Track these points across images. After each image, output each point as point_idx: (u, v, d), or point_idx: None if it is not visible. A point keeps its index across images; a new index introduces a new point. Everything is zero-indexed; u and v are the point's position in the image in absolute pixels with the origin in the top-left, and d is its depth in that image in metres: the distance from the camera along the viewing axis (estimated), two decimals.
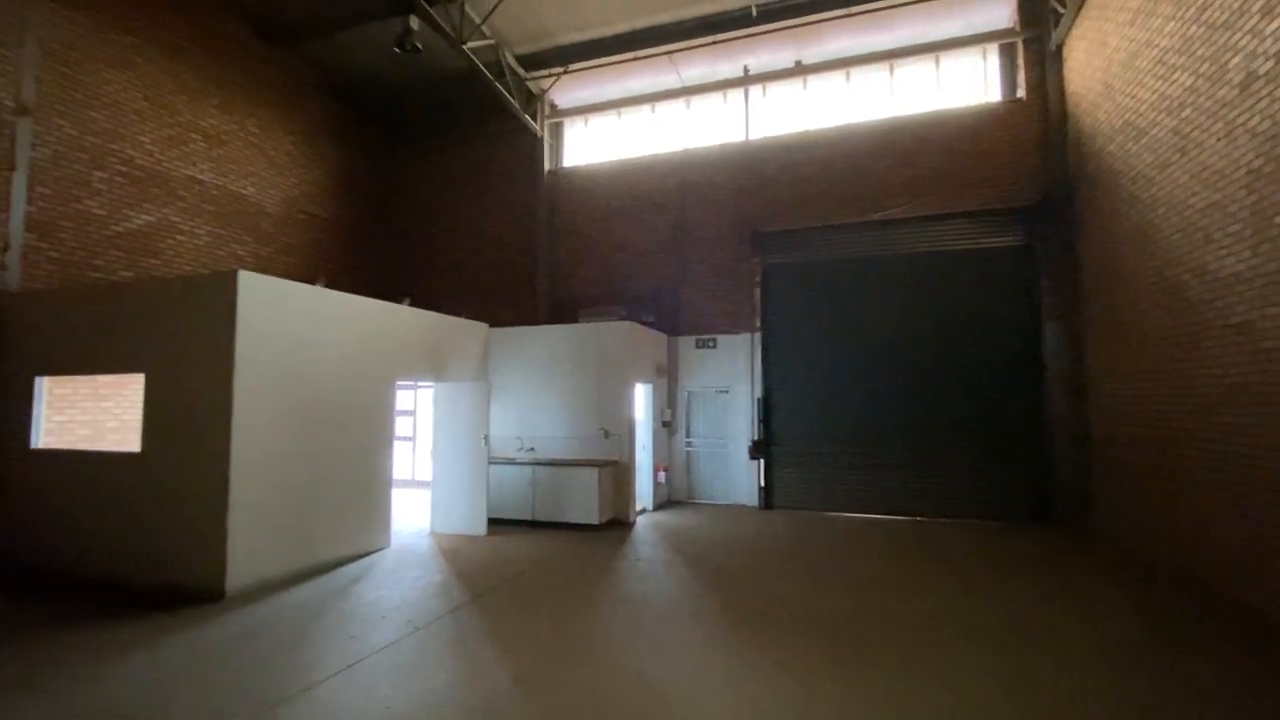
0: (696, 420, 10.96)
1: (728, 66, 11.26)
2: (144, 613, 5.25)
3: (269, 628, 4.94)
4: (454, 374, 8.83)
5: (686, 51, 10.80)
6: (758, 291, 10.63)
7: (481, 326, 9.69)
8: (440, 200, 13.18)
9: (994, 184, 9.65)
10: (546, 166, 12.41)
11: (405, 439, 12.38)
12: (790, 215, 10.64)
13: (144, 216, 8.71)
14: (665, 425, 10.73)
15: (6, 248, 7.26)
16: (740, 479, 10.51)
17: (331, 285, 8.22)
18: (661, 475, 10.34)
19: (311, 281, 7.48)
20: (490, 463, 8.49)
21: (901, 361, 9.84)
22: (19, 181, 7.39)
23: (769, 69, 11.15)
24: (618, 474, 8.96)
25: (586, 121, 12.72)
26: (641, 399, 10.01)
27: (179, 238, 9.16)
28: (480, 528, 8.16)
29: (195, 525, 5.70)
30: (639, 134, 12.27)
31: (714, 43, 10.52)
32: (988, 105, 9.93)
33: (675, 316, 11.14)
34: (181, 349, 5.98)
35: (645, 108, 12.20)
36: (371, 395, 7.31)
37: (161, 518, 5.87)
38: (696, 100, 11.86)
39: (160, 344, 6.11)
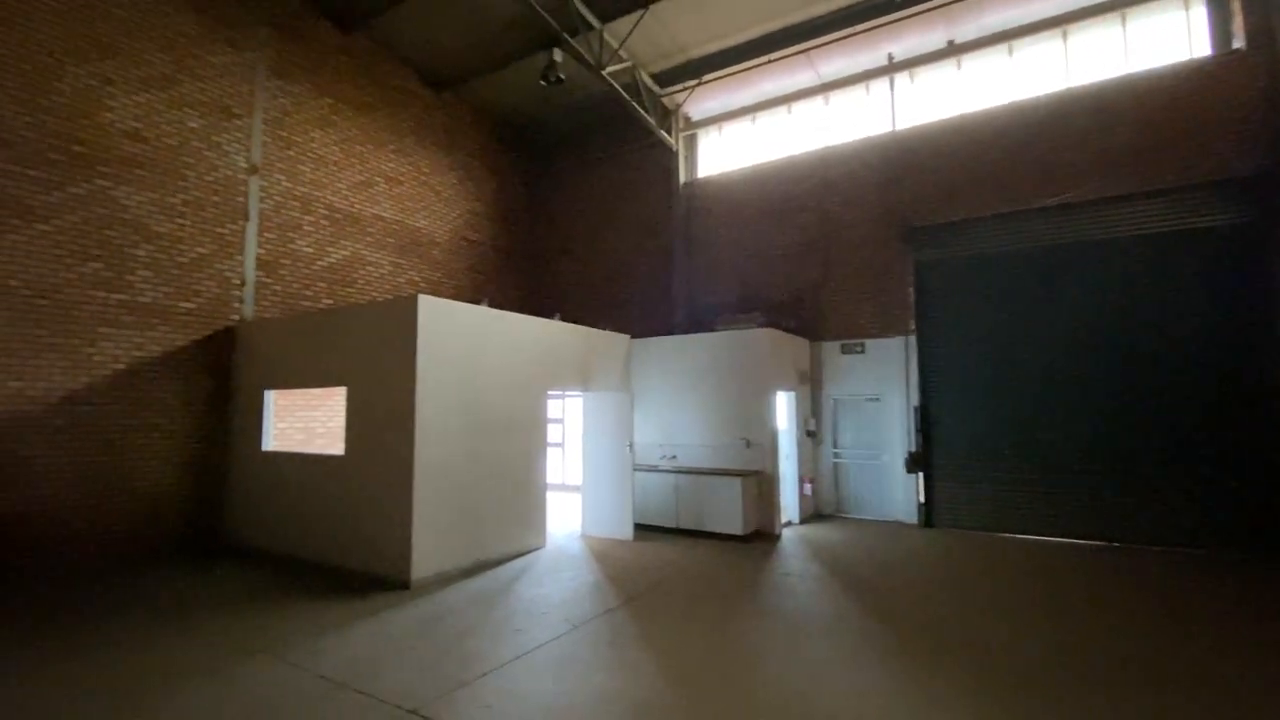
0: (844, 429, 10.42)
1: (869, 56, 10.69)
2: (349, 595, 6.02)
3: (448, 616, 5.44)
4: (599, 384, 9.20)
5: (824, 47, 10.42)
6: (911, 291, 9.90)
7: (623, 338, 10.01)
8: (582, 219, 13.87)
9: (1202, 153, 8.18)
10: (681, 179, 12.59)
11: (554, 445, 13.13)
12: (946, 207, 9.82)
13: (341, 252, 10.13)
14: (810, 435, 10.32)
15: (243, 284, 8.80)
16: (896, 493, 9.80)
17: (491, 304, 8.95)
18: (807, 487, 9.95)
19: (476, 302, 8.21)
20: (635, 469, 8.71)
21: (1085, 364, 8.62)
22: (251, 229, 8.94)
23: (917, 53, 10.42)
24: (761, 484, 8.76)
25: (720, 130, 12.73)
26: (784, 407, 9.73)
27: (368, 268, 10.53)
28: (627, 532, 8.38)
29: (388, 521, 6.45)
30: (775, 136, 12.03)
31: (854, 34, 10.05)
32: (1192, 62, 8.46)
33: (818, 321, 10.72)
34: (374, 365, 6.84)
35: (781, 109, 11.95)
36: (527, 404, 7.83)
37: (361, 513, 6.73)
38: (836, 95, 11.39)
39: (358, 361, 7.04)
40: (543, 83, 10.38)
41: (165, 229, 8.00)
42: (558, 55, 10.09)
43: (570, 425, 13.33)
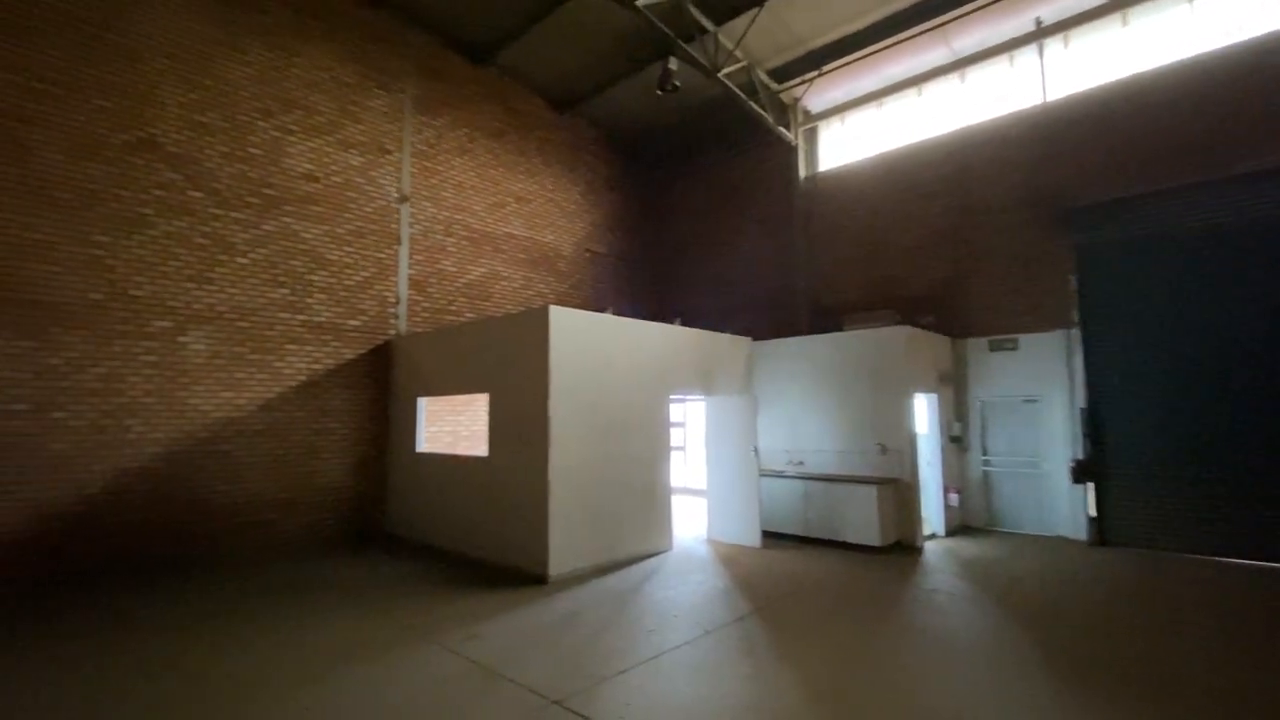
0: (995, 434, 9.49)
1: (1012, 24, 9.72)
2: (493, 586, 6.44)
3: (583, 613, 5.64)
4: (721, 387, 9.13)
5: (960, 20, 9.62)
6: (1073, 279, 8.82)
7: (744, 341, 9.86)
8: (699, 224, 13.89)
9: None
10: (802, 174, 12.20)
11: (676, 449, 13.22)
12: (1111, 182, 8.65)
13: (479, 269, 10.94)
14: (954, 440, 9.52)
15: (398, 302, 9.77)
16: (1059, 506, 8.76)
17: (616, 312, 9.21)
18: (953, 497, 9.17)
19: (601, 310, 8.50)
20: (760, 475, 8.52)
21: None
22: (403, 253, 9.91)
23: (1072, 12, 9.31)
24: (899, 493, 8.21)
25: (843, 120, 12.19)
26: (923, 411, 9.06)
27: (503, 283, 11.28)
28: (754, 539, 8.22)
29: (526, 518, 6.84)
30: (903, 122, 11.30)
31: (993, 2, 9.20)
32: None
33: (960, 316, 9.88)
34: (512, 372, 7.30)
35: (910, 92, 11.21)
36: (650, 408, 7.95)
37: (503, 510, 7.19)
38: (973, 71, 10.48)
39: (497, 369, 7.55)
40: (659, 92, 10.55)
41: (335, 256, 9.10)
42: (673, 63, 10.21)
43: (692, 429, 13.36)
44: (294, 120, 8.84)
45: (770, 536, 8.61)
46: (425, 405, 9.14)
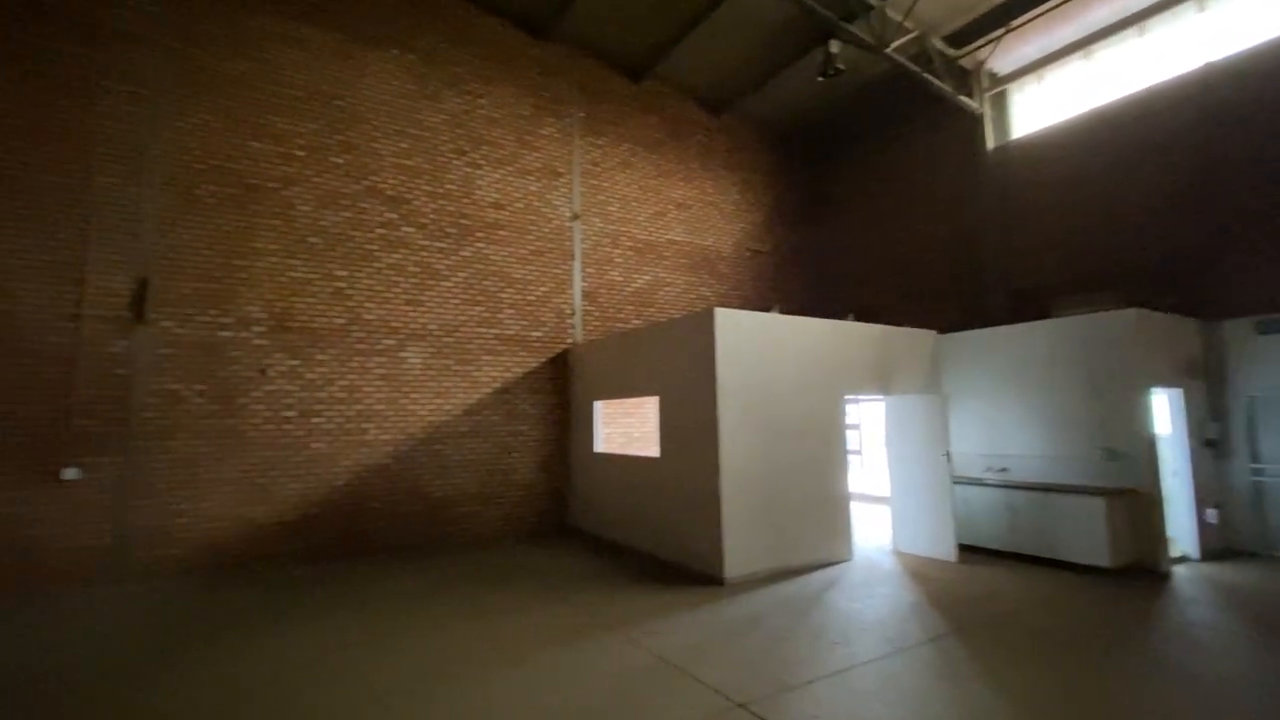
0: (1268, 437, 7.63)
1: None
2: (670, 584, 6.60)
3: (762, 618, 5.55)
4: (902, 386, 8.45)
5: None
6: None
7: (928, 334, 9.04)
8: (868, 212, 13.04)
9: None
10: (990, 144, 10.90)
11: (851, 453, 12.49)
12: None
13: (644, 277, 11.34)
14: (1210, 445, 7.83)
15: (573, 313, 10.47)
16: None
17: (782, 311, 8.97)
18: (1212, 513, 7.54)
19: (766, 309, 8.35)
20: (954, 482, 7.73)
21: None
22: (576, 267, 10.60)
23: None
24: (1136, 506, 6.94)
25: (1040, 78, 10.67)
26: (1165, 409, 7.59)
27: (666, 289, 11.58)
28: (948, 552, 7.48)
29: (700, 520, 6.92)
30: (1121, 70, 9.58)
31: None
32: None
33: (1212, 294, 8.12)
34: (680, 375, 7.44)
35: (1128, 33, 9.47)
36: (824, 410, 7.61)
37: (677, 510, 7.36)
38: None
39: (666, 372, 7.75)
40: (820, 79, 10.11)
41: (519, 274, 10.01)
42: (834, 46, 9.72)
43: (868, 431, 12.54)
44: (481, 155, 9.90)
45: (969, 551, 7.77)
46: (601, 408, 9.67)
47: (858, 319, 8.88)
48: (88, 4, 7.44)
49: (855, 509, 10.80)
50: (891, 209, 12.56)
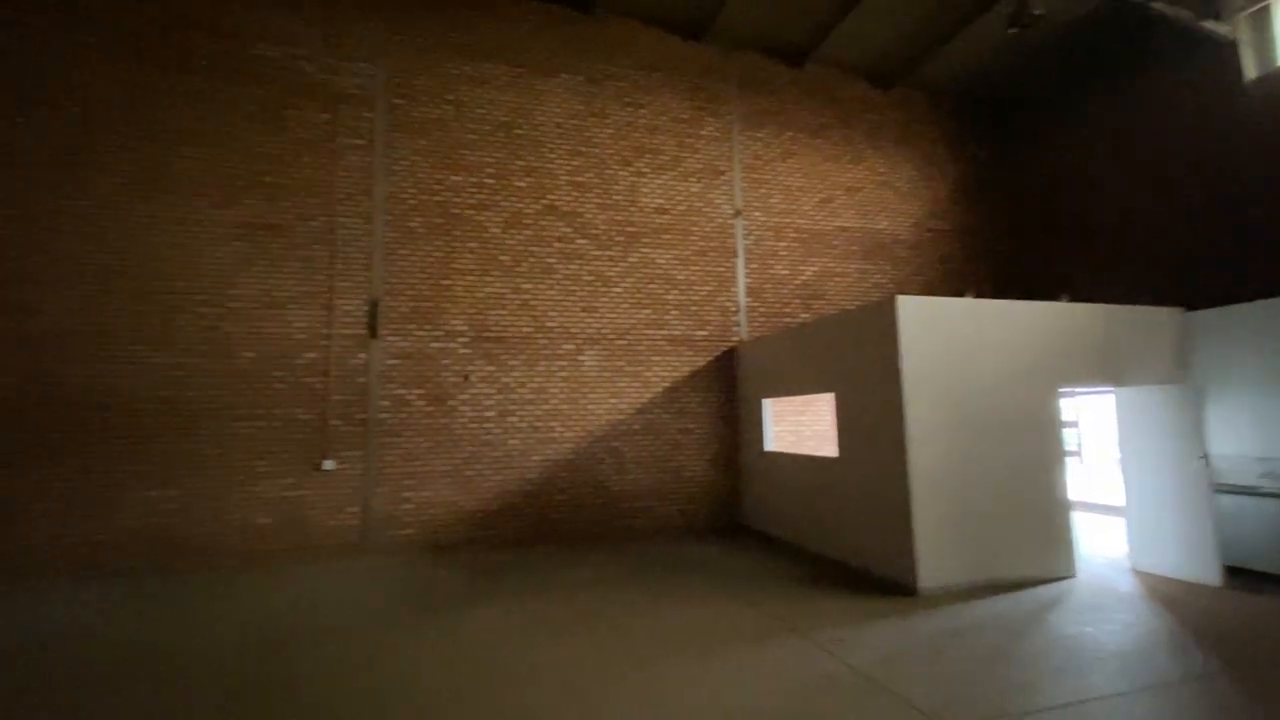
0: None
1: None
2: (854, 590, 6.26)
3: (966, 634, 5.03)
4: (1136, 376, 7.15)
5: None
6: None
7: (1170, 313, 7.54)
8: (1080, 177, 11.22)
9: None
10: (1248, 74, 8.80)
11: (1069, 454, 10.83)
12: None
13: (811, 268, 10.91)
14: None
15: (737, 310, 10.39)
16: None
17: (977, 294, 8.08)
18: None
19: (957, 294, 7.56)
20: (1215, 491, 6.36)
21: None
22: (739, 264, 10.51)
23: None
24: None
25: None
26: None
27: (836, 279, 11.02)
28: (1209, 574, 6.16)
29: (887, 524, 6.48)
30: None
31: None
32: None
33: None
34: (858, 370, 7.04)
35: None
36: (1034, 404, 6.69)
37: (859, 513, 6.96)
38: None
39: (842, 367, 7.37)
40: (1011, 31, 8.91)
41: (683, 276, 10.19)
42: None
43: (1091, 429, 10.79)
44: (645, 163, 10.25)
45: (1239, 574, 6.35)
46: (770, 406, 9.48)
47: (1072, 299, 7.68)
48: (325, 74, 9.00)
49: (1078, 519, 9.38)
50: (1112, 170, 10.68)
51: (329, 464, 8.32)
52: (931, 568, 6.10)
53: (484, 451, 8.97)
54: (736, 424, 10.09)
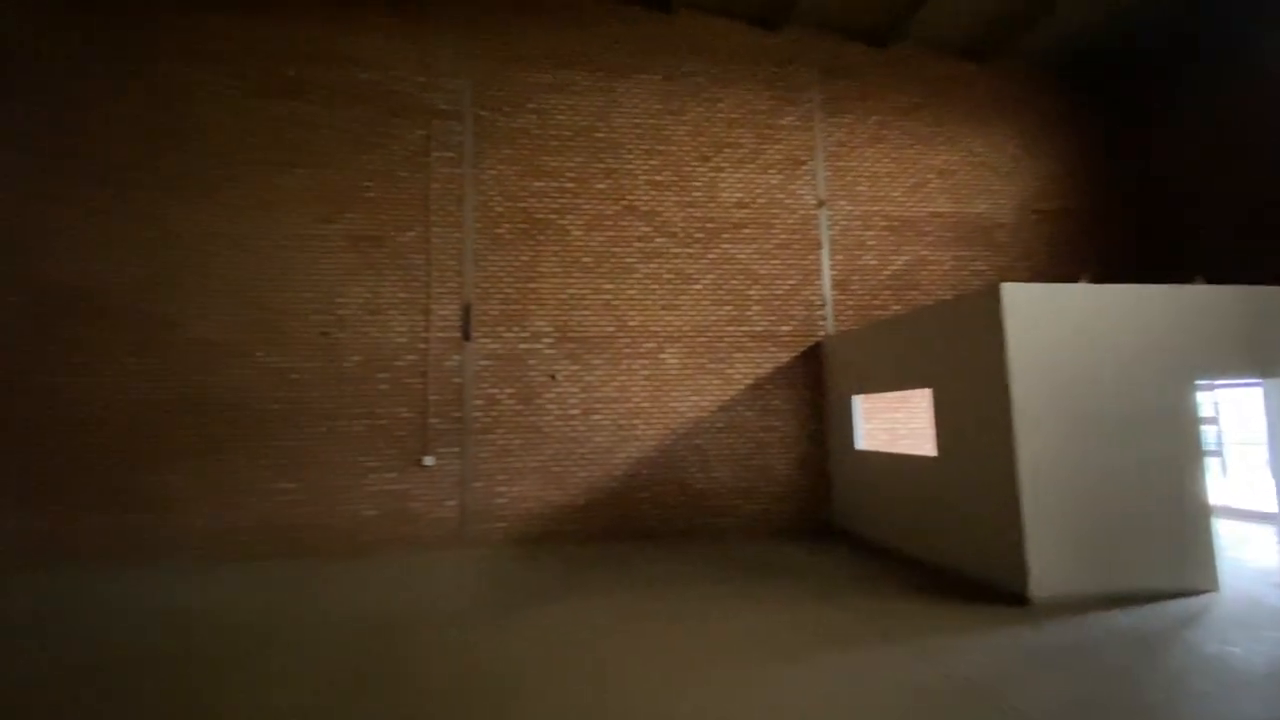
0: None
1: None
2: (954, 597, 5.90)
3: (1093, 650, 4.62)
4: None
5: None
6: None
7: None
8: (1209, 145, 10.01)
9: None
10: None
11: (1209, 454, 9.69)
12: None
13: (902, 258, 10.39)
14: None
15: (823, 304, 10.07)
16: None
17: (1093, 279, 7.42)
18: None
19: (1070, 279, 6.96)
20: None
21: None
22: (824, 256, 10.18)
23: None
24: None
25: None
26: None
27: (930, 268, 10.44)
28: None
29: (992, 527, 6.07)
30: None
31: None
32: None
33: None
34: (958, 364, 6.63)
35: None
36: (1165, 398, 6.04)
37: (961, 515, 6.57)
38: None
39: (939, 361, 6.98)
40: None
41: (765, 270, 9.99)
42: None
43: (1234, 427, 9.61)
44: (723, 159, 10.13)
45: None
46: (860, 403, 9.13)
47: (1209, 281, 6.88)
48: (419, 93, 9.52)
49: (1220, 526, 8.41)
50: (1242, 140, 9.44)
51: (429, 460, 8.82)
52: (1045, 575, 5.65)
53: (570, 448, 9.20)
54: (824, 421, 9.78)
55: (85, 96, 8.72)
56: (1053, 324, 6.01)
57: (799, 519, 9.56)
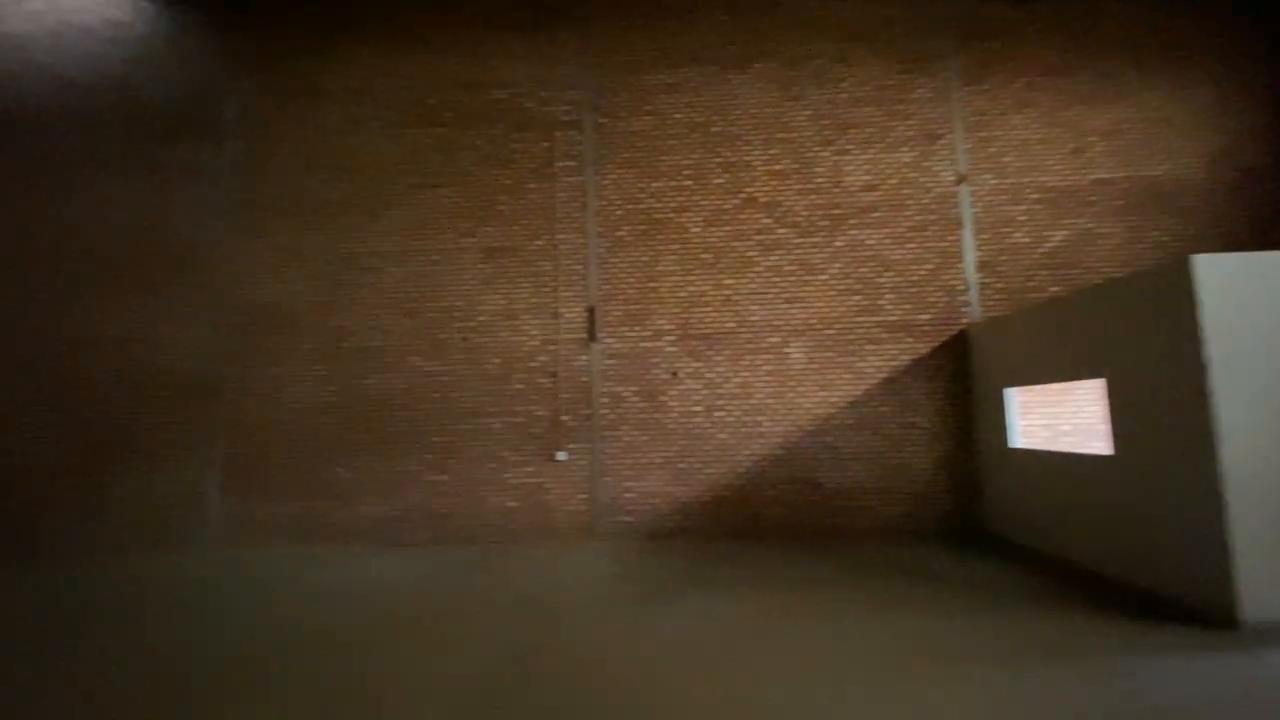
0: None
1: None
2: (1143, 618, 5.17)
3: None
4: None
5: None
6: None
7: None
8: None
9: None
10: None
11: None
12: None
13: (1060, 233, 9.28)
14: None
15: (966, 288, 9.25)
16: None
17: None
18: None
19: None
20: None
21: None
22: (967, 236, 9.35)
23: None
24: None
25: None
26: None
27: (1096, 243, 9.22)
28: None
29: (1186, 537, 5.25)
30: None
31: None
32: None
33: None
34: (1137, 350, 5.81)
35: None
36: None
37: (1142, 522, 5.75)
38: None
39: (1113, 348, 6.15)
40: None
41: (898, 256, 9.38)
42: None
43: None
44: (847, 140, 9.64)
45: None
46: (1015, 396, 8.28)
47: None
48: (542, 106, 10.01)
49: None
50: None
51: (561, 455, 9.26)
52: (1260, 596, 4.79)
53: (695, 445, 9.23)
54: (971, 417, 8.99)
55: (269, 139, 10.14)
56: (1260, 301, 5.07)
57: (944, 522, 8.87)
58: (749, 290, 9.49)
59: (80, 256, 9.93)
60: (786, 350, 9.33)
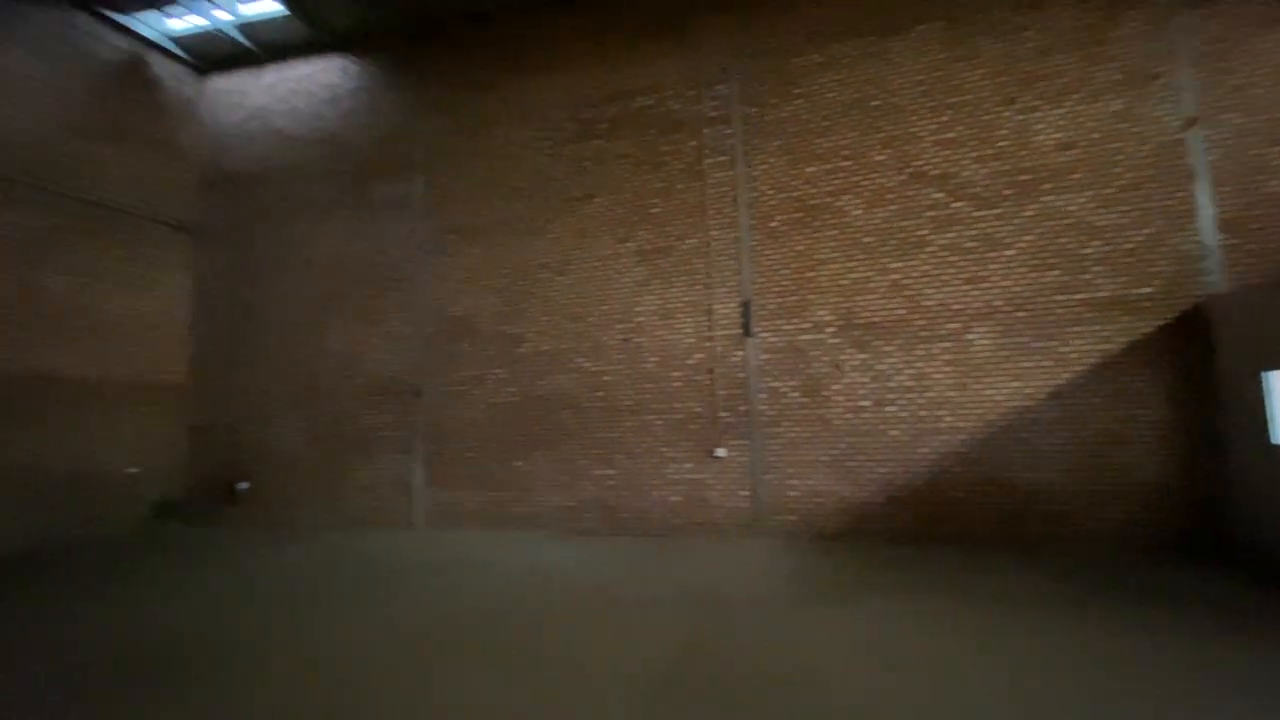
0: None
1: None
2: None
3: None
4: None
5: None
6: None
7: None
8: None
9: None
10: None
11: None
12: None
13: None
14: None
15: (1204, 255, 7.68)
16: None
17: None
18: None
19: None
20: None
21: None
22: (1202, 189, 7.76)
23: None
24: None
25: None
26: None
27: None
28: None
29: None
30: None
31: None
32: None
33: None
34: None
35: None
36: None
37: None
38: None
39: None
40: None
41: (1106, 221, 8.05)
42: None
43: None
44: (1035, 95, 8.48)
45: None
46: (1275, 382, 6.71)
47: None
48: (689, 105, 10.05)
49: None
50: None
51: (720, 451, 9.26)
52: None
53: (863, 442, 8.71)
54: (1214, 407, 7.46)
55: (450, 170, 11.33)
56: None
57: (1179, 532, 7.46)
58: (921, 273, 8.73)
59: (312, 283, 11.90)
60: (968, 337, 8.45)
